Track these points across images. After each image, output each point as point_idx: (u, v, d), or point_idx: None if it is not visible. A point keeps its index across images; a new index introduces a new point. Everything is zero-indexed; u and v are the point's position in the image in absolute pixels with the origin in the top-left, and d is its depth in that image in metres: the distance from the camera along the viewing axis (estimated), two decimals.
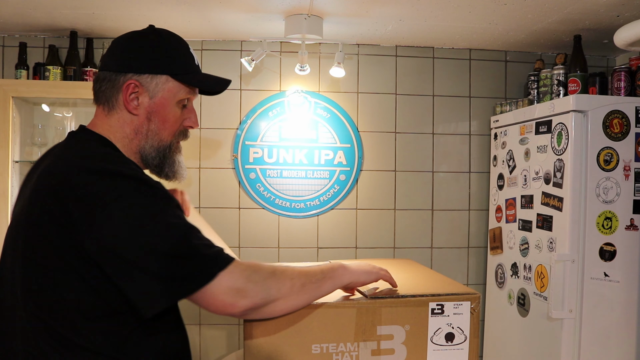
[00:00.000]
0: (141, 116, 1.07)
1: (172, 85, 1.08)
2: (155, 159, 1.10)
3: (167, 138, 1.11)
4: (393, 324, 1.14)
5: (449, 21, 2.32)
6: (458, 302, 1.15)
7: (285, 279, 1.01)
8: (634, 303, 2.01)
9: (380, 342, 1.13)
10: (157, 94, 1.07)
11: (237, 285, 0.94)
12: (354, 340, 1.12)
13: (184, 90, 1.10)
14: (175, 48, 1.10)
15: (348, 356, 1.13)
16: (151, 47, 1.07)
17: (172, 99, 1.08)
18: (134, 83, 1.05)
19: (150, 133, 1.09)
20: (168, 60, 1.08)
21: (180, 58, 1.10)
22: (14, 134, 2.39)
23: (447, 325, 1.15)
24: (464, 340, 1.15)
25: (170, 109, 1.09)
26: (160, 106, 1.08)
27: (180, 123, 1.12)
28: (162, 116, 1.09)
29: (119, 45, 1.09)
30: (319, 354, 1.12)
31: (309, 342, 1.11)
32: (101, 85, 1.07)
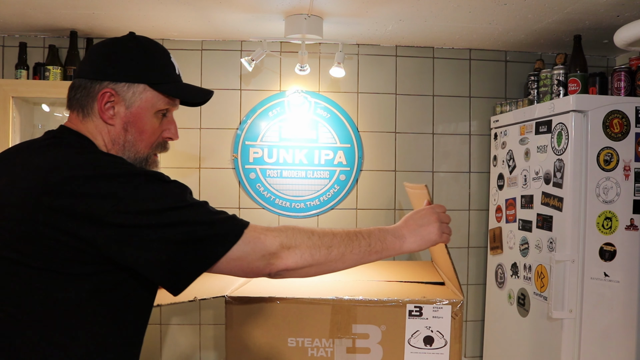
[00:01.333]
0: (117, 126, 1.03)
1: (150, 95, 1.04)
2: None
3: (143, 150, 1.06)
4: (369, 323, 1.15)
5: (449, 21, 2.32)
6: (437, 306, 1.14)
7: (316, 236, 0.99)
8: (634, 303, 2.01)
9: (356, 340, 1.14)
10: (133, 103, 1.03)
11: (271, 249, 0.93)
12: (329, 337, 1.13)
13: (163, 101, 1.05)
14: (154, 56, 1.06)
15: (323, 351, 1.14)
16: (129, 54, 1.03)
17: (150, 109, 1.04)
18: (110, 92, 1.01)
19: (127, 144, 1.04)
20: (146, 68, 1.03)
21: (159, 67, 1.06)
22: (14, 134, 2.39)
23: (425, 329, 1.15)
24: (444, 344, 1.15)
25: (148, 120, 1.04)
26: (137, 116, 1.03)
27: (159, 134, 1.07)
28: (139, 127, 1.04)
29: (95, 51, 1.05)
30: (295, 347, 1.13)
31: (285, 336, 1.13)
32: (76, 92, 1.03)
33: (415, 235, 1.08)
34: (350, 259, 1.01)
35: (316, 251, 0.97)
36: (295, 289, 1.28)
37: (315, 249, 0.97)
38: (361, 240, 1.02)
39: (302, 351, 1.15)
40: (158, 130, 1.07)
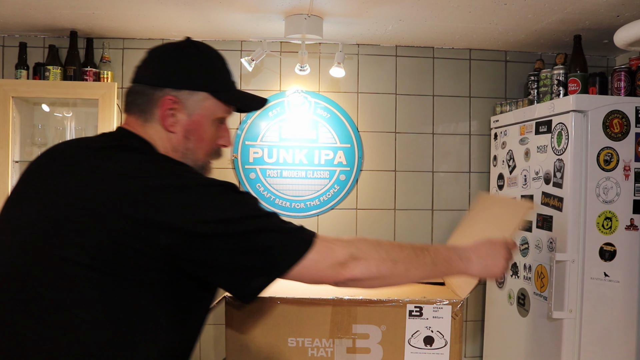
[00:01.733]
0: (179, 134, 1.02)
1: (210, 103, 1.04)
2: None
3: (202, 157, 1.06)
4: (369, 323, 1.15)
5: (449, 21, 2.32)
6: (438, 306, 1.14)
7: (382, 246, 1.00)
8: (634, 303, 2.01)
9: (356, 340, 1.14)
10: (195, 111, 1.03)
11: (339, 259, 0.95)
12: (329, 337, 1.13)
13: (222, 109, 1.06)
14: (214, 63, 1.06)
15: (323, 351, 1.14)
16: (190, 61, 1.03)
17: (210, 117, 1.04)
18: (172, 99, 1.00)
19: (187, 152, 1.04)
20: (208, 76, 1.04)
21: (220, 74, 1.06)
22: (14, 134, 2.39)
23: (425, 329, 1.15)
24: (444, 345, 1.15)
25: (207, 128, 1.05)
26: (198, 124, 1.03)
27: (215, 142, 1.08)
28: (200, 135, 1.04)
29: (156, 57, 1.05)
30: (295, 347, 1.13)
31: (285, 335, 1.13)
32: (136, 98, 1.03)
33: (481, 263, 1.08)
34: (414, 274, 1.02)
35: (382, 264, 0.98)
36: (296, 288, 1.28)
37: (382, 262, 0.98)
38: (427, 257, 1.03)
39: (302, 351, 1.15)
40: (214, 138, 1.07)
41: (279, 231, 0.94)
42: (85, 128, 2.57)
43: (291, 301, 1.15)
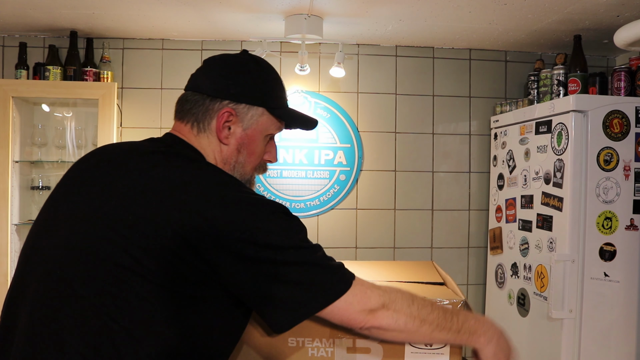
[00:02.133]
0: (231, 146, 1.03)
1: (265, 119, 1.04)
2: None
3: (249, 171, 1.07)
4: None
5: (449, 21, 2.32)
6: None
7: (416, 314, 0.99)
8: (634, 303, 2.01)
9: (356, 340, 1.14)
10: (250, 125, 1.03)
11: (371, 306, 0.94)
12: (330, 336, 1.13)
13: (275, 125, 1.06)
14: (273, 80, 1.07)
15: (323, 351, 1.14)
16: (251, 76, 1.03)
17: (263, 132, 1.05)
18: (230, 111, 1.00)
19: (237, 165, 1.05)
20: (266, 92, 1.04)
21: (277, 91, 1.07)
22: (14, 134, 2.39)
23: None
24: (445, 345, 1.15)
25: (259, 143, 1.05)
26: (251, 138, 1.04)
27: (262, 157, 1.08)
28: (251, 149, 1.05)
29: (215, 68, 1.04)
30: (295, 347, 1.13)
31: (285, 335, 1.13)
32: (192, 106, 1.02)
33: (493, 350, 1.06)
34: (437, 337, 1.03)
35: (411, 320, 0.98)
36: None
37: (411, 318, 0.98)
38: (454, 323, 1.03)
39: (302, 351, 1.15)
40: (262, 153, 1.08)
41: (321, 266, 0.92)
42: (85, 128, 2.58)
43: None
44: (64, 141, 2.52)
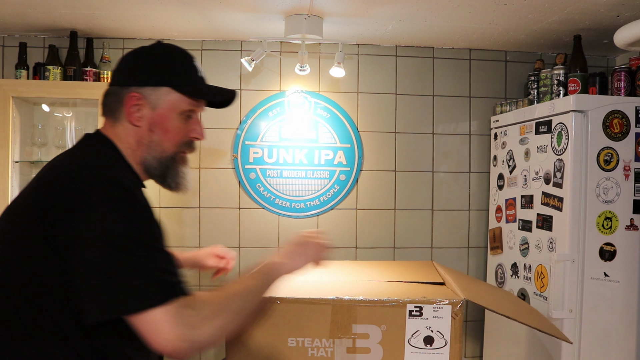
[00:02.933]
0: (144, 127, 1.09)
1: (173, 97, 1.09)
2: (158, 169, 1.12)
3: (169, 148, 1.11)
4: (369, 323, 1.15)
5: (449, 21, 2.32)
6: (438, 306, 1.14)
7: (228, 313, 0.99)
8: (634, 303, 2.01)
9: (356, 340, 1.14)
10: (158, 105, 1.09)
11: (181, 331, 0.91)
12: (329, 337, 1.13)
13: (186, 102, 1.11)
14: (177, 60, 1.12)
15: (323, 351, 1.14)
16: (153, 60, 1.10)
17: (174, 110, 1.10)
18: (136, 95, 1.07)
19: (152, 144, 1.10)
20: (170, 72, 1.10)
21: (182, 70, 1.11)
22: (14, 134, 2.39)
23: (425, 329, 1.15)
24: (444, 345, 1.15)
25: (172, 121, 1.10)
26: (162, 117, 1.09)
27: (185, 134, 1.13)
28: (164, 127, 1.10)
29: (125, 61, 1.13)
30: (295, 347, 1.13)
31: (285, 336, 1.13)
32: (107, 99, 1.11)
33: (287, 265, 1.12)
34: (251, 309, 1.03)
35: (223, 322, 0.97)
36: (296, 289, 1.29)
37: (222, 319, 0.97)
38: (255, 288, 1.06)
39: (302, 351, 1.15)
40: (183, 130, 1.12)
41: (145, 269, 0.91)
42: (85, 128, 2.57)
43: (291, 301, 1.15)
44: (64, 141, 2.52)
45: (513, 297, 1.54)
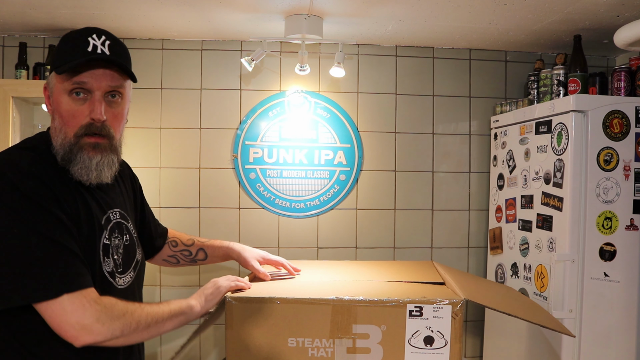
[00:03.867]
0: (53, 114, 1.11)
1: (55, 80, 1.09)
2: (61, 156, 1.08)
3: (69, 133, 1.08)
4: (369, 323, 1.15)
5: (449, 21, 2.32)
6: (438, 306, 1.14)
7: (132, 320, 1.03)
8: (634, 303, 2.01)
9: (356, 340, 1.14)
10: (53, 91, 1.10)
11: (85, 322, 0.96)
12: (329, 337, 1.13)
13: (66, 81, 1.07)
14: (66, 42, 1.10)
15: (323, 352, 1.14)
16: (54, 49, 1.15)
17: (61, 92, 1.08)
18: (45, 85, 1.13)
19: (55, 131, 1.09)
20: (55, 56, 1.10)
21: (64, 50, 1.08)
22: (14, 134, 2.39)
23: (426, 329, 1.15)
24: (445, 345, 1.15)
25: (63, 103, 1.08)
26: (56, 102, 1.09)
27: (84, 116, 1.08)
28: (59, 112, 1.09)
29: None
30: (295, 347, 1.13)
31: (285, 336, 1.13)
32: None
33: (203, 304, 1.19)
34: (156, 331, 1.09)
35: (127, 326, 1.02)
36: (296, 289, 1.29)
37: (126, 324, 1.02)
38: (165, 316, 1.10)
39: (302, 351, 1.15)
40: (79, 112, 1.08)
41: (43, 259, 0.95)
42: None
43: (291, 301, 1.15)
44: None
45: (514, 293, 1.54)
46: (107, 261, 1.10)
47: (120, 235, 1.17)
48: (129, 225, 1.22)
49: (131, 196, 1.34)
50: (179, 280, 2.66)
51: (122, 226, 1.19)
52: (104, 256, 1.09)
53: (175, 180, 2.66)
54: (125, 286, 1.16)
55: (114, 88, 1.10)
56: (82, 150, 1.08)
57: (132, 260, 1.21)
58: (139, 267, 1.25)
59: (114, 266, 1.12)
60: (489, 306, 1.19)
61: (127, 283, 1.17)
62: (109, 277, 1.10)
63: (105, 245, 1.10)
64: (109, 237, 1.12)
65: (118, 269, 1.13)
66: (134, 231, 1.26)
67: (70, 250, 0.98)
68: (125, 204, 1.26)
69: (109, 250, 1.11)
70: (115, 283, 1.12)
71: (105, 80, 1.08)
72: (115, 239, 1.14)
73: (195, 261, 1.55)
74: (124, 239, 1.18)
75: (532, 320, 1.20)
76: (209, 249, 1.55)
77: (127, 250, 1.19)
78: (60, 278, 0.95)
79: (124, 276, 1.16)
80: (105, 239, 1.11)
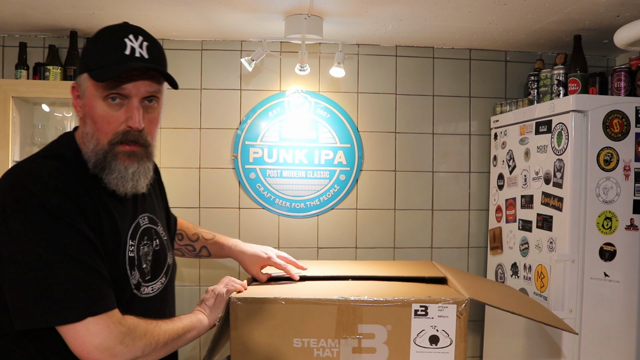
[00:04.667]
0: (83, 118, 1.05)
1: (89, 84, 1.01)
2: (94, 164, 1.03)
3: (103, 140, 1.02)
4: (375, 323, 1.15)
5: (449, 21, 2.32)
6: (443, 305, 1.14)
7: (152, 339, 1.02)
8: (634, 303, 2.02)
9: (362, 340, 1.14)
10: (85, 93, 1.02)
11: (109, 344, 0.93)
12: (335, 337, 1.13)
13: (101, 87, 1.00)
14: (97, 42, 1.02)
15: (329, 352, 1.14)
16: (85, 46, 1.04)
17: (95, 96, 1.01)
18: (74, 85, 1.05)
19: (86, 136, 1.04)
20: (88, 56, 1.02)
21: (100, 51, 1.00)
22: (14, 134, 2.38)
23: (431, 328, 1.15)
24: (450, 344, 1.15)
25: (97, 108, 1.01)
26: (89, 106, 1.02)
27: (119, 123, 1.02)
28: (91, 116, 1.02)
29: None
30: (300, 348, 1.13)
31: (291, 336, 1.13)
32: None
33: (211, 316, 1.19)
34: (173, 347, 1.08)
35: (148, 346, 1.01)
36: (300, 289, 1.29)
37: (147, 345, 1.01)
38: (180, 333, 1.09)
39: (307, 351, 1.15)
40: (114, 119, 1.01)
41: (65, 280, 0.92)
42: None
43: (296, 301, 1.14)
44: None
45: (515, 292, 1.54)
46: (133, 274, 1.06)
47: (149, 242, 1.13)
48: (158, 228, 1.19)
49: (159, 195, 1.30)
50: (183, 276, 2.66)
51: (151, 231, 1.15)
52: (130, 269, 1.05)
53: (175, 180, 2.66)
54: (155, 294, 1.13)
55: (152, 93, 1.05)
56: (117, 159, 1.02)
57: (162, 266, 1.17)
58: (171, 271, 1.21)
59: (140, 276, 1.08)
60: (493, 305, 1.19)
61: (157, 290, 1.14)
62: (133, 289, 1.06)
63: (130, 258, 1.06)
64: (137, 246, 1.08)
65: (145, 278, 1.10)
66: (164, 234, 1.21)
67: (94, 270, 0.95)
68: (154, 205, 1.22)
69: (134, 262, 1.07)
70: (140, 293, 1.08)
71: (144, 86, 1.03)
72: (144, 247, 1.11)
73: (199, 256, 1.54)
74: (154, 244, 1.15)
75: (535, 318, 1.20)
76: (212, 247, 1.53)
77: (157, 257, 1.15)
78: (84, 300, 0.92)
79: (154, 283, 1.13)
80: (131, 252, 1.06)
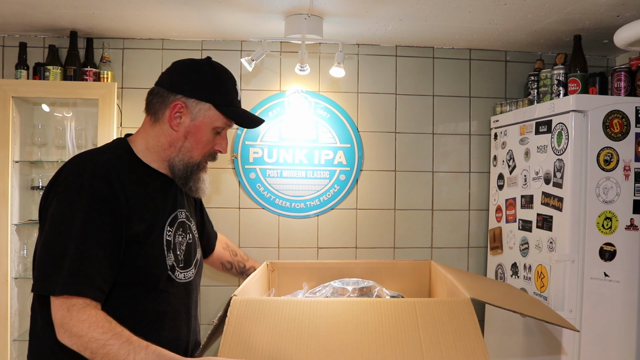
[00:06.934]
0: (179, 133, 1.23)
1: (212, 114, 1.23)
2: (182, 172, 1.26)
3: (197, 157, 1.26)
4: None
5: (449, 21, 2.32)
6: None
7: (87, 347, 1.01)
8: (634, 303, 2.02)
9: None
10: (198, 117, 1.23)
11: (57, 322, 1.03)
12: None
13: (221, 120, 1.25)
14: (223, 81, 1.25)
15: None
16: (203, 76, 1.23)
17: (210, 125, 1.24)
18: (181, 104, 1.21)
19: (183, 149, 1.24)
20: (215, 91, 1.23)
21: (225, 91, 1.25)
22: (14, 134, 2.39)
23: None
24: None
25: (205, 133, 1.24)
26: (198, 128, 1.23)
27: (212, 147, 1.27)
28: (197, 137, 1.24)
29: (177, 67, 1.26)
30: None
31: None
32: (153, 98, 1.24)
33: None
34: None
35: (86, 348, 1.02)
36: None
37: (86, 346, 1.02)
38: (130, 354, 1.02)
39: None
40: (211, 143, 1.27)
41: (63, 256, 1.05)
42: (85, 128, 2.57)
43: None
44: (64, 141, 2.52)
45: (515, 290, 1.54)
46: (169, 256, 1.21)
47: (184, 234, 1.29)
48: (192, 225, 1.36)
49: (192, 200, 1.47)
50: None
51: (186, 225, 1.31)
52: (167, 250, 1.21)
53: None
54: (187, 281, 1.27)
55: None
56: (202, 171, 1.29)
57: (193, 258, 1.32)
58: (199, 265, 1.36)
59: (175, 261, 1.23)
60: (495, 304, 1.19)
61: (188, 278, 1.28)
62: (169, 271, 1.21)
63: (167, 241, 1.22)
64: (174, 234, 1.25)
65: (179, 264, 1.25)
66: (196, 232, 1.39)
67: (99, 258, 1.07)
68: (189, 206, 1.40)
69: (170, 245, 1.23)
70: (175, 277, 1.23)
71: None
72: (179, 236, 1.27)
73: (242, 274, 1.70)
74: (187, 237, 1.31)
75: (536, 316, 1.20)
76: (251, 272, 1.66)
77: (189, 248, 1.30)
78: (69, 279, 1.03)
79: (186, 271, 1.27)
80: (168, 236, 1.23)
